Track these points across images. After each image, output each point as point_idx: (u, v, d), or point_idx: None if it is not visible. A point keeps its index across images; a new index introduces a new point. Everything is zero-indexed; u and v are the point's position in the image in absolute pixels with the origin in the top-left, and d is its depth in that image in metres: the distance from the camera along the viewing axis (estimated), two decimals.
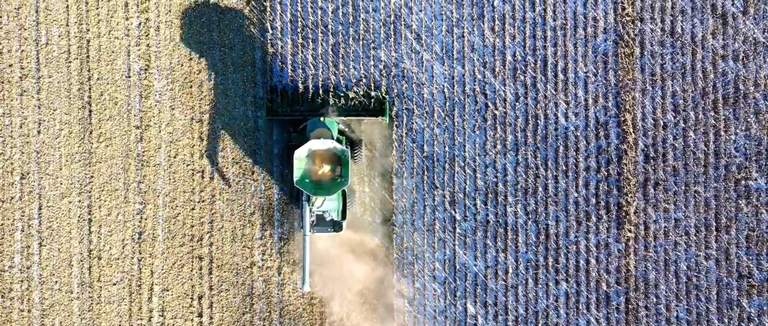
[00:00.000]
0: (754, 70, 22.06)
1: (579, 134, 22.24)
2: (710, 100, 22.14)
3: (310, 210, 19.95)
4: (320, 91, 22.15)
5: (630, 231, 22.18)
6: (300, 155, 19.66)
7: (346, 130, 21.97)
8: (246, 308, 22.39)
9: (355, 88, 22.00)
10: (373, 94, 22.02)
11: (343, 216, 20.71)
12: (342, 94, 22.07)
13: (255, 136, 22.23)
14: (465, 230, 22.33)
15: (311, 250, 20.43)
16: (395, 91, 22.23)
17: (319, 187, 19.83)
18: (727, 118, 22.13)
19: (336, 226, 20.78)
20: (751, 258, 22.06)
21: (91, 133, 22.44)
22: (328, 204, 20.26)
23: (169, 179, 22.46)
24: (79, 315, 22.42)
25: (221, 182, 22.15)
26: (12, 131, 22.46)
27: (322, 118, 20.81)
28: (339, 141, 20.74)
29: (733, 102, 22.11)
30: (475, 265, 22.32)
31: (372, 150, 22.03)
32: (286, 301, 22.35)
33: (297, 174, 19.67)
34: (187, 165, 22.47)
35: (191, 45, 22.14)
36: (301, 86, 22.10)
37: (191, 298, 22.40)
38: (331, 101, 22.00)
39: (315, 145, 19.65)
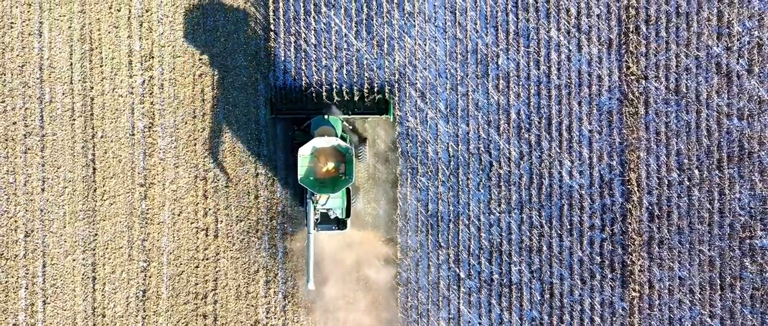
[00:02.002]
0: (759, 129, 22.04)
1: (583, 192, 22.23)
2: (715, 159, 22.12)
3: (315, 208, 19.84)
4: (324, 90, 21.99)
5: (635, 289, 22.17)
6: (304, 153, 19.55)
7: (350, 128, 21.90)
8: None
9: (356, 89, 21.85)
10: (377, 93, 21.92)
11: (348, 214, 20.57)
12: (346, 93, 21.91)
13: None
14: (469, 288, 22.33)
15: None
16: (399, 150, 22.21)
17: (324, 185, 19.76)
18: (732, 176, 22.11)
19: (340, 224, 20.66)
20: (755, 316, 22.06)
21: (95, 191, 22.42)
22: (332, 202, 20.18)
23: (174, 237, 22.45)
24: None
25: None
26: (16, 189, 22.44)
27: (325, 116, 20.68)
28: (343, 139, 20.61)
29: (737, 160, 22.09)
30: (480, 323, 22.31)
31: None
32: None
33: (301, 171, 19.55)
34: (191, 223, 22.46)
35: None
36: (304, 85, 21.87)
37: None
38: (335, 99, 21.87)
39: (319, 142, 19.55)
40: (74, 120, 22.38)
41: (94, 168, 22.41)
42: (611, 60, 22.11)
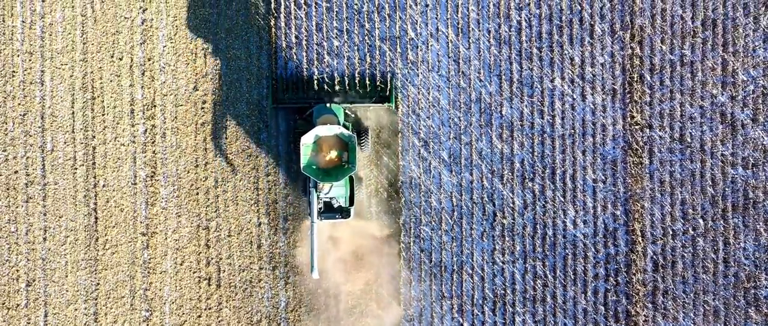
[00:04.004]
0: (764, 178, 21.93)
1: (588, 242, 22.13)
2: (719, 208, 22.02)
3: (318, 197, 19.71)
4: (326, 79, 21.91)
5: None
6: (306, 141, 19.42)
7: (353, 116, 21.76)
8: None
9: (358, 74, 21.71)
10: (379, 80, 21.78)
11: (351, 203, 20.38)
12: (347, 82, 21.79)
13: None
14: None
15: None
16: (402, 199, 22.12)
17: (326, 174, 19.64)
18: (737, 226, 22.00)
19: (344, 213, 20.48)
20: None
21: (97, 240, 22.34)
22: (335, 191, 20.02)
23: (176, 286, 22.36)
24: None
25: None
26: (18, 238, 22.35)
27: (328, 105, 20.53)
28: (345, 127, 20.43)
29: (742, 210, 21.99)
30: None
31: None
32: None
33: (303, 160, 19.42)
34: (194, 273, 22.37)
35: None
36: (306, 74, 21.75)
37: None
38: (337, 88, 21.79)
39: (321, 131, 19.41)
40: (76, 169, 22.29)
41: (96, 218, 22.32)
42: (615, 109, 22.01)
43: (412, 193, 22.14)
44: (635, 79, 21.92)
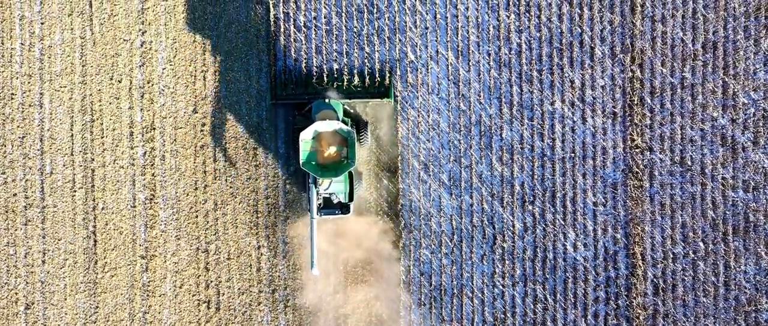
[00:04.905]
0: (765, 201, 21.88)
1: (588, 265, 22.07)
2: (720, 231, 21.96)
3: (317, 193, 19.65)
4: (324, 74, 21.82)
5: None
6: (305, 137, 19.36)
7: (352, 112, 21.69)
8: None
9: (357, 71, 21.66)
10: (377, 76, 21.71)
11: (351, 198, 20.32)
12: (346, 77, 21.72)
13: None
14: None
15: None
16: (403, 223, 22.06)
17: (326, 169, 19.59)
18: (737, 249, 21.95)
19: (343, 209, 20.42)
20: None
21: (96, 263, 22.28)
22: (335, 187, 19.97)
23: (175, 309, 22.30)
24: None
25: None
26: (16, 261, 22.30)
27: (327, 100, 20.47)
28: (344, 122, 20.37)
29: (743, 233, 21.93)
30: None
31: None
32: None
33: (303, 156, 19.37)
34: (193, 296, 22.31)
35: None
36: (304, 70, 21.67)
37: None
38: (336, 84, 21.71)
39: (320, 126, 19.37)
40: (75, 191, 22.24)
41: (95, 240, 22.26)
42: (616, 132, 21.96)
43: (412, 216, 22.08)
44: (636, 102, 21.87)
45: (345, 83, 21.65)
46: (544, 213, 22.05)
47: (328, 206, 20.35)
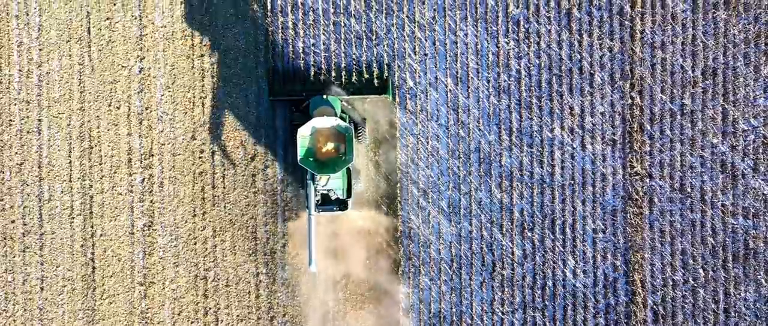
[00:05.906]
0: (765, 228, 21.82)
1: (587, 292, 22.02)
2: (720, 258, 21.91)
3: (315, 190, 19.61)
4: (322, 70, 21.73)
5: None
6: (303, 133, 19.32)
7: (350, 108, 21.62)
8: None
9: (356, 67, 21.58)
10: (375, 72, 21.64)
11: (349, 195, 20.31)
12: (344, 74, 21.66)
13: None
14: None
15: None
16: (401, 249, 22.02)
17: (324, 166, 19.54)
18: (737, 276, 21.90)
19: (341, 205, 20.40)
20: None
21: (94, 290, 22.22)
22: (333, 183, 19.92)
23: None
24: None
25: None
26: (14, 288, 22.24)
27: (324, 96, 20.43)
28: (342, 119, 20.31)
29: (743, 260, 21.88)
30: None
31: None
32: None
33: (300, 152, 19.32)
34: (192, 323, 22.25)
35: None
36: (302, 66, 21.58)
37: None
38: (334, 80, 21.63)
39: (318, 122, 19.36)
40: (73, 218, 22.18)
41: (94, 267, 22.21)
42: (615, 158, 21.90)
43: (410, 243, 22.04)
44: (635, 129, 21.82)
45: (343, 81, 21.60)
46: (544, 239, 22.00)
47: (327, 202, 20.33)
